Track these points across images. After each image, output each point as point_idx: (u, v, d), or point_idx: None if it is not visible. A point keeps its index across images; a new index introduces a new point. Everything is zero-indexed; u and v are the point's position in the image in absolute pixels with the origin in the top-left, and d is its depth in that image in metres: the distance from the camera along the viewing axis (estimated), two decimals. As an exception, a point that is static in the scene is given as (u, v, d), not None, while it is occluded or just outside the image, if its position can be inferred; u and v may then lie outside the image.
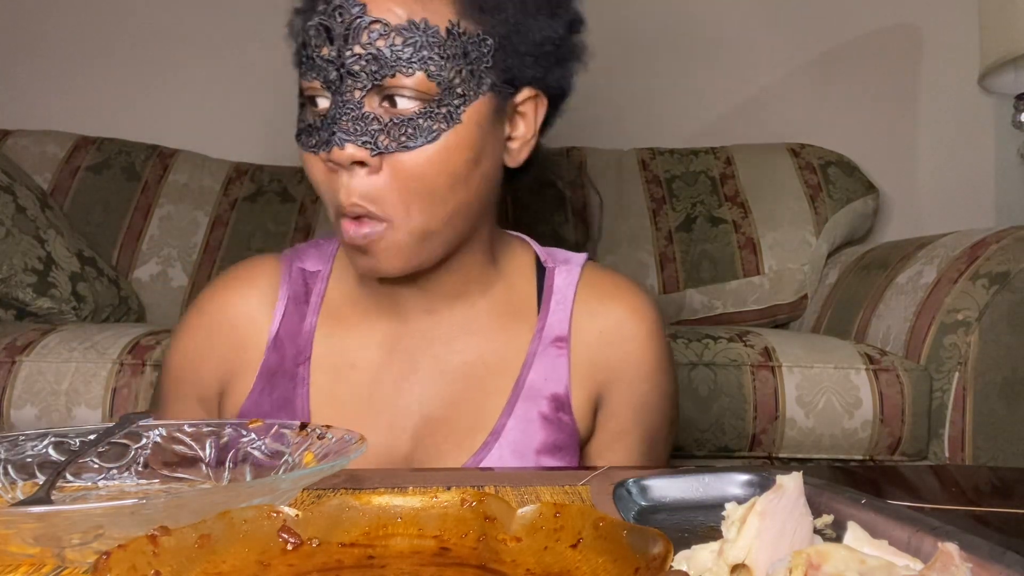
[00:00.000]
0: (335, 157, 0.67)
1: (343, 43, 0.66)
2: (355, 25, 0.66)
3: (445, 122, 0.67)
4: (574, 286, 0.80)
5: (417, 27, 0.66)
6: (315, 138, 0.69)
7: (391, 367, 0.78)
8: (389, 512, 0.45)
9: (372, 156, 0.67)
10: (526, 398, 0.77)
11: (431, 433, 0.76)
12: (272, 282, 0.81)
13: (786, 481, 0.40)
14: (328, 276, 0.81)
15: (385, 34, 0.66)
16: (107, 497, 0.58)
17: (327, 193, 0.71)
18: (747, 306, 1.77)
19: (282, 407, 0.77)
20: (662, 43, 2.07)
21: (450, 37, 0.67)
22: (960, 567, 0.33)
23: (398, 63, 0.66)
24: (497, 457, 0.75)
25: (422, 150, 0.67)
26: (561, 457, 0.76)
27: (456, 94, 0.68)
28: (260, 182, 1.88)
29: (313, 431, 0.59)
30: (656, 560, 0.35)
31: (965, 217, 2.02)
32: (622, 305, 0.80)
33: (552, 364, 0.78)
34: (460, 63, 0.68)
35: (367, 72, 0.66)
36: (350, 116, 0.67)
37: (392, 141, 0.67)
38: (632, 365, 0.79)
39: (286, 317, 0.79)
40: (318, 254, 0.83)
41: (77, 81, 2.08)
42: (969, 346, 1.21)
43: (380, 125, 0.67)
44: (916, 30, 2.11)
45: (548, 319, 0.79)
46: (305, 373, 0.77)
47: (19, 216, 1.47)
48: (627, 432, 0.81)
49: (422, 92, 0.67)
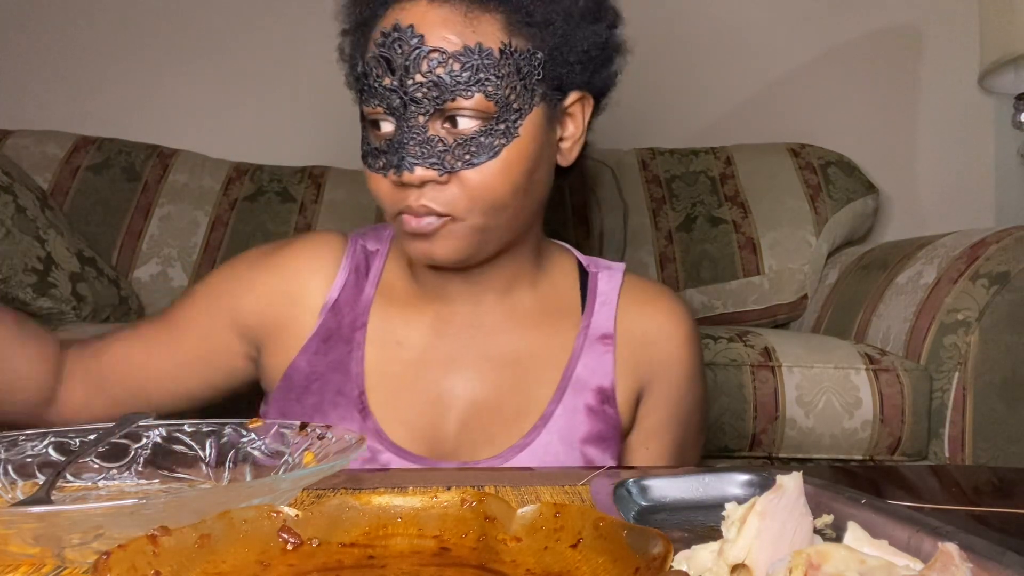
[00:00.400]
0: (406, 179, 0.70)
1: (404, 73, 0.70)
2: (414, 56, 0.70)
3: (504, 137, 0.72)
4: (617, 289, 0.85)
5: (472, 51, 0.70)
6: (382, 160, 0.73)
7: (437, 350, 0.81)
8: (389, 512, 0.45)
9: (440, 176, 0.71)
10: (573, 389, 0.80)
11: (477, 415, 0.79)
12: (337, 254, 0.85)
13: (786, 481, 0.40)
14: (386, 255, 0.86)
15: (443, 62, 0.70)
16: (107, 497, 0.58)
17: (392, 203, 0.74)
18: (747, 306, 1.77)
19: (336, 369, 0.80)
20: (662, 43, 2.07)
21: (503, 57, 0.71)
22: (960, 567, 0.33)
23: (457, 87, 0.70)
24: (545, 442, 0.78)
25: (486, 166, 0.71)
26: (604, 447, 0.80)
27: (512, 109, 0.72)
28: (260, 182, 1.88)
29: (313, 431, 0.59)
30: (656, 560, 0.35)
31: (965, 217, 2.02)
32: (663, 309, 0.85)
33: (598, 359, 0.82)
34: (514, 80, 0.72)
35: (429, 98, 0.70)
36: (416, 140, 0.71)
37: (457, 160, 0.71)
38: (672, 365, 0.84)
39: (347, 286, 0.83)
40: (376, 235, 0.88)
41: (77, 81, 2.08)
42: (969, 346, 1.21)
43: (445, 146, 0.71)
44: (916, 30, 2.11)
45: (594, 317, 0.84)
46: (361, 339, 0.81)
47: (19, 216, 1.47)
48: (662, 429, 0.85)
49: (481, 111, 0.71)
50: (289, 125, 2.08)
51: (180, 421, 0.63)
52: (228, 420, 0.63)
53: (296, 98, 2.06)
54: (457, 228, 0.73)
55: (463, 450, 0.79)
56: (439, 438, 0.79)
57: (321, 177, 1.89)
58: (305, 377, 0.80)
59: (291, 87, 2.07)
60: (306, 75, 2.00)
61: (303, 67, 2.00)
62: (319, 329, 0.81)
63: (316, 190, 1.86)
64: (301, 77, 2.04)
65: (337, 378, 0.79)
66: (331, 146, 1.98)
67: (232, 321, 0.83)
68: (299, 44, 2.03)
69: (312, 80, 1.79)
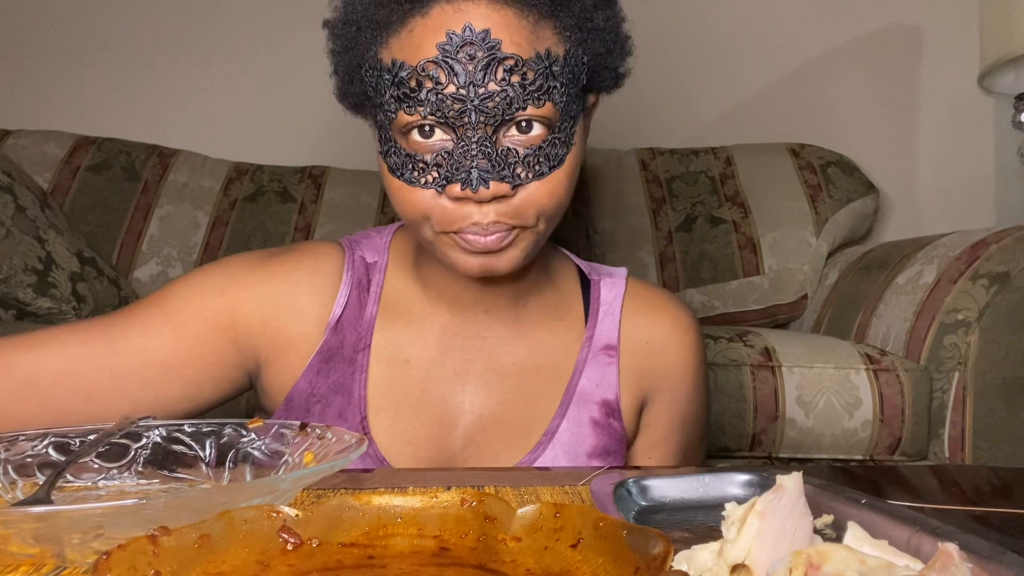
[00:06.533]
0: (480, 196, 0.66)
1: (474, 80, 0.65)
2: (488, 62, 0.65)
3: (565, 147, 0.69)
4: (620, 298, 0.83)
5: (542, 58, 0.66)
6: (433, 174, 0.67)
7: (444, 364, 0.79)
8: (389, 512, 0.45)
9: (512, 188, 0.67)
10: (578, 402, 0.79)
11: (483, 431, 0.78)
12: (338, 268, 0.80)
13: (786, 481, 0.40)
14: (385, 267, 0.82)
15: (518, 69, 0.65)
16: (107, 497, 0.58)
17: (451, 221, 0.68)
18: (747, 306, 1.77)
19: (338, 391, 0.76)
20: (662, 44, 2.07)
21: (566, 64, 0.68)
22: (960, 567, 0.33)
23: (530, 96, 0.66)
24: (551, 458, 0.77)
25: (553, 175, 0.69)
26: (610, 460, 0.79)
27: (570, 116, 0.69)
28: (260, 182, 1.88)
29: (313, 431, 0.59)
30: (656, 560, 0.35)
31: (965, 217, 2.02)
32: (668, 317, 0.83)
33: (602, 371, 0.80)
34: (572, 87, 0.69)
35: (500, 108, 0.65)
36: (485, 153, 0.66)
37: (528, 171, 0.67)
38: (677, 373, 0.83)
39: (349, 303, 0.79)
40: (372, 245, 0.83)
41: (77, 81, 2.08)
42: (969, 346, 1.21)
43: (516, 158, 0.67)
44: (916, 30, 2.11)
45: (597, 328, 0.82)
46: (364, 360, 0.77)
47: (19, 216, 1.47)
48: (667, 437, 0.84)
49: (548, 120, 0.68)
50: (289, 125, 2.08)
51: (180, 421, 0.63)
52: (228, 420, 0.63)
53: (296, 98, 2.06)
54: (524, 237, 0.70)
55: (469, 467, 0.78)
56: (445, 455, 0.78)
57: (321, 177, 1.89)
58: (306, 398, 0.77)
59: (291, 87, 2.07)
60: (306, 75, 2.00)
61: (303, 67, 2.00)
62: (322, 348, 0.77)
63: (316, 190, 1.86)
64: (302, 77, 2.04)
65: (339, 400, 0.76)
66: (331, 146, 1.98)
67: (229, 323, 0.75)
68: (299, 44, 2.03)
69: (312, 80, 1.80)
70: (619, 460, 0.80)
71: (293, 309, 0.77)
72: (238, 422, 0.62)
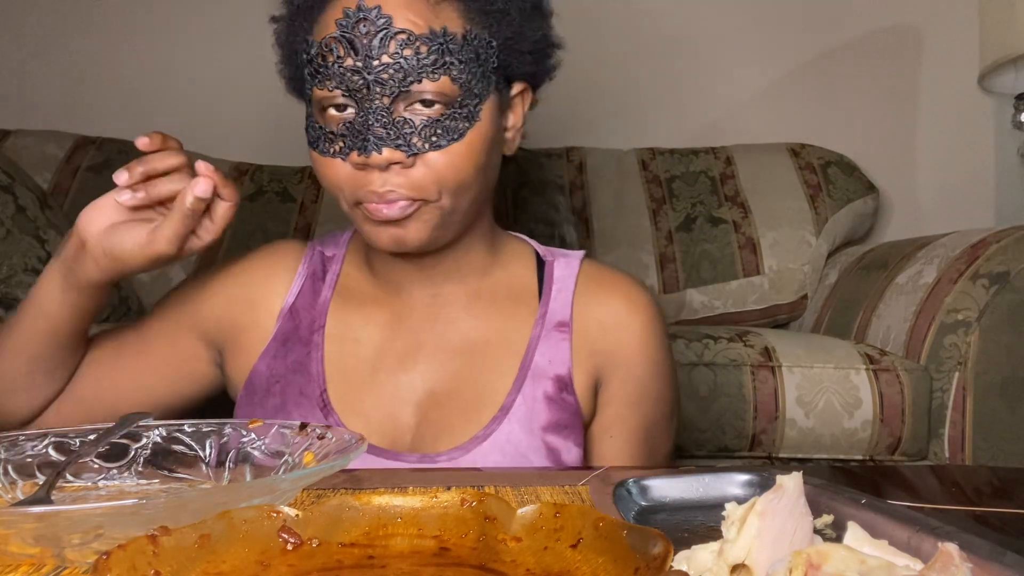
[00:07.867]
0: (373, 161, 0.71)
1: (369, 53, 0.71)
2: (381, 36, 0.71)
3: (467, 121, 0.73)
4: (574, 277, 0.85)
5: (437, 35, 0.72)
6: (339, 144, 0.73)
7: (394, 343, 0.82)
8: (389, 512, 0.45)
9: (407, 157, 0.72)
10: (532, 378, 0.81)
11: (436, 406, 0.80)
12: (294, 260, 0.88)
13: (786, 481, 0.40)
14: (343, 259, 0.88)
15: (410, 43, 0.71)
16: (107, 497, 0.58)
17: (353, 189, 0.74)
18: (747, 306, 1.77)
19: (297, 370, 0.82)
20: (662, 43, 2.07)
21: (465, 42, 0.73)
22: (960, 567, 0.33)
23: (424, 70, 0.71)
24: (507, 432, 0.78)
25: (452, 148, 0.73)
26: (566, 435, 0.80)
27: (473, 94, 0.74)
28: (260, 182, 1.88)
29: (313, 431, 0.59)
30: (656, 560, 0.35)
31: (965, 217, 2.02)
32: (620, 296, 0.85)
33: (555, 347, 0.82)
34: (474, 65, 0.74)
35: (395, 80, 0.71)
36: (381, 122, 0.71)
37: (424, 142, 0.72)
38: (629, 353, 0.83)
39: (303, 291, 0.85)
40: (334, 242, 0.90)
41: (77, 81, 2.07)
42: (969, 346, 1.21)
43: (412, 128, 0.72)
44: (916, 30, 2.11)
45: (550, 305, 0.84)
46: (320, 340, 0.83)
47: (19, 216, 1.47)
48: (625, 417, 0.84)
49: (446, 95, 0.72)
50: (289, 125, 2.08)
51: (180, 421, 0.63)
52: (228, 420, 0.63)
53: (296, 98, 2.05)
54: (427, 211, 0.74)
55: (424, 441, 0.79)
56: (399, 430, 0.80)
57: (321, 177, 1.89)
58: (266, 380, 0.82)
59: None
60: (306, 75, 2.00)
61: (303, 67, 2.00)
62: (277, 333, 0.83)
63: (316, 190, 1.85)
64: (301, 77, 2.04)
65: (298, 379, 0.81)
66: (331, 146, 1.97)
67: (194, 326, 0.85)
68: (299, 44, 2.03)
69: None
70: (576, 435, 0.81)
71: (250, 301, 0.85)
72: (238, 422, 0.62)
